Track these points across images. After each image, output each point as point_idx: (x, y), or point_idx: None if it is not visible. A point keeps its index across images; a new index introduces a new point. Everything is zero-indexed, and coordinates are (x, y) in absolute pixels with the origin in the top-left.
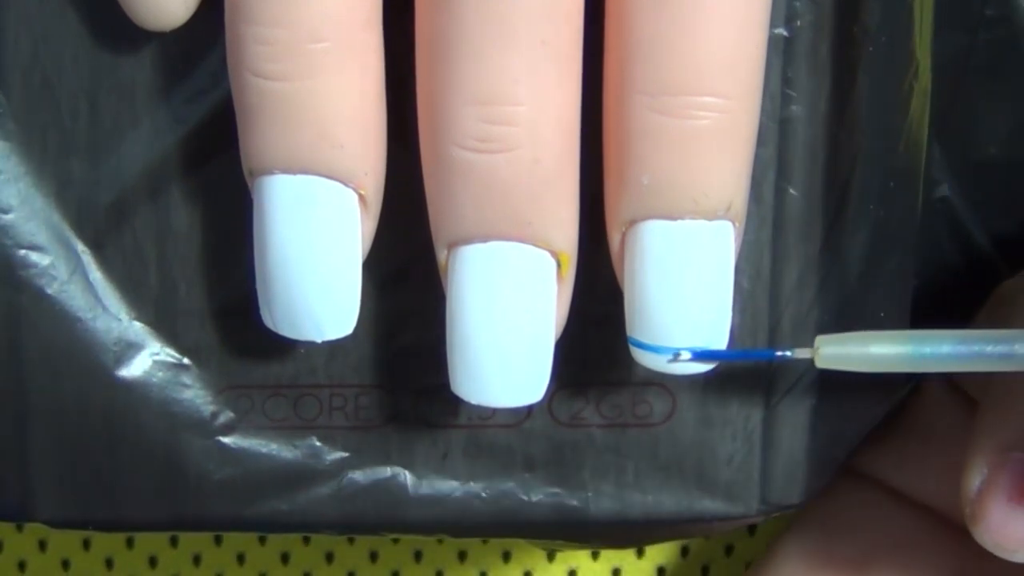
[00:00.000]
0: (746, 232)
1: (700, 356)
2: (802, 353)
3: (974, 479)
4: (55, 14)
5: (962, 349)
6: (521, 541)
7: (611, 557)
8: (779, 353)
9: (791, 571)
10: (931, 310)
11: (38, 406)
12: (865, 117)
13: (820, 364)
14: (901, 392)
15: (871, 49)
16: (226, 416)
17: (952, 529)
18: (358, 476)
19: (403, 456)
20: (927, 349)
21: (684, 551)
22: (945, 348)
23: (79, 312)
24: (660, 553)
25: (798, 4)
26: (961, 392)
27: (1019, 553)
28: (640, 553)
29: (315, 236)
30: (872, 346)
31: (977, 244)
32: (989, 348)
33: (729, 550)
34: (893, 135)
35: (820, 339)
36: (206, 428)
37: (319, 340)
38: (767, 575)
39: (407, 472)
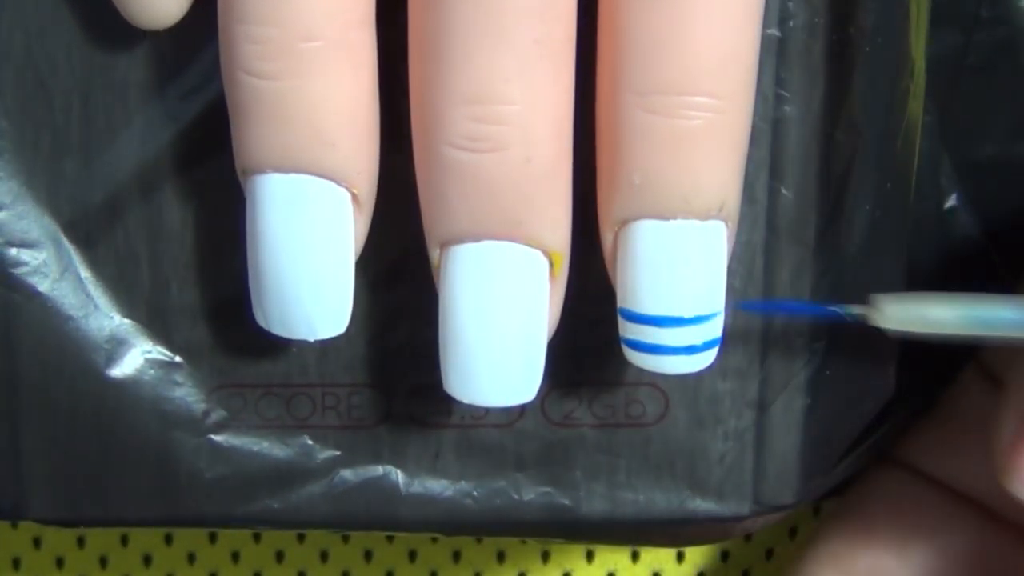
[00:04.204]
0: (739, 233)
1: (752, 307)
2: (860, 311)
3: (1006, 430)
4: (49, 12)
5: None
6: (515, 540)
7: (607, 561)
8: (836, 309)
9: (832, 555)
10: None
11: (30, 404)
12: (860, 118)
13: (881, 324)
14: (889, 390)
15: (867, 50)
16: (218, 415)
17: (987, 515)
18: (350, 475)
19: (395, 455)
20: (986, 313)
21: (680, 556)
22: (1006, 313)
23: (71, 310)
24: (655, 558)
25: (791, 4)
26: (993, 379)
27: None
28: (635, 557)
29: (308, 235)
30: (931, 308)
31: (974, 243)
32: None
33: (725, 556)
34: (889, 136)
35: (880, 298)
36: (198, 426)
37: (311, 339)
38: (809, 560)
39: (399, 471)
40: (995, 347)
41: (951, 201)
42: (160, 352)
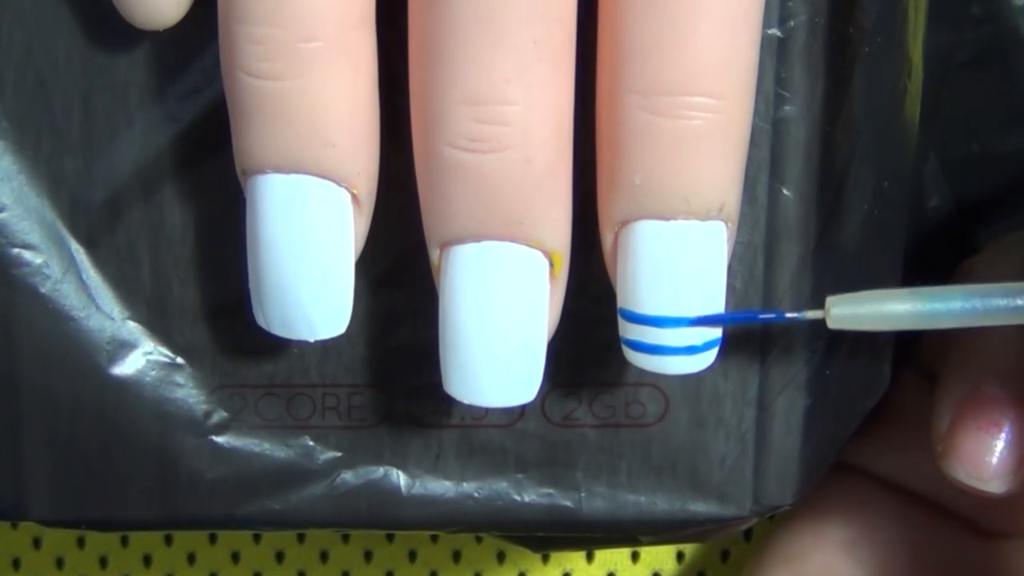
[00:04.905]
0: (739, 233)
1: (703, 321)
2: (813, 314)
3: (944, 417)
4: (49, 13)
5: (973, 303)
6: (514, 545)
7: (606, 561)
8: (788, 315)
9: (784, 557)
10: None
11: (31, 405)
12: (861, 117)
13: (832, 325)
14: (885, 386)
15: (866, 49)
16: (219, 415)
17: (933, 510)
18: (351, 476)
19: (396, 456)
20: (938, 305)
21: (679, 556)
22: (955, 303)
23: (72, 311)
24: (655, 558)
25: (791, 4)
26: (929, 377)
27: (993, 483)
28: (635, 557)
29: (308, 235)
30: (883, 304)
31: (959, 240)
32: (1000, 301)
33: (725, 556)
34: (888, 135)
35: (831, 300)
36: (199, 427)
37: (312, 340)
38: (762, 562)
39: (400, 472)
40: (929, 345)
41: (936, 199)
42: (161, 353)
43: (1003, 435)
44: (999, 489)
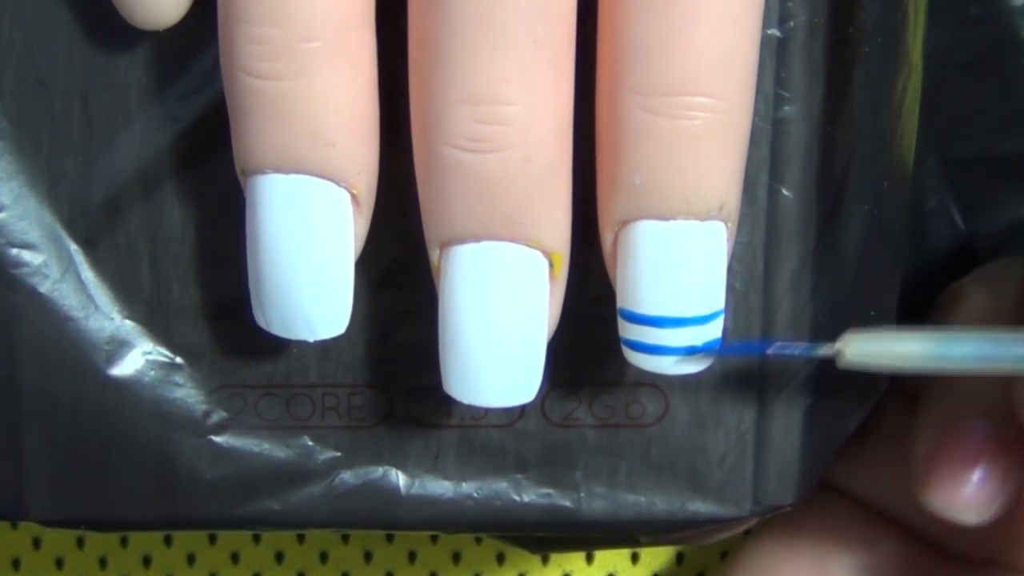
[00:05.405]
0: (739, 233)
1: (717, 352)
2: (825, 351)
3: (923, 446)
4: (49, 13)
5: (984, 350)
6: (513, 546)
7: (606, 562)
8: (798, 351)
9: (755, 567)
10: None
11: (30, 405)
12: (860, 117)
13: (841, 365)
14: (884, 386)
15: (866, 50)
16: (218, 415)
17: (908, 533)
18: (350, 476)
19: (395, 456)
20: (949, 351)
21: (679, 557)
22: (967, 349)
23: (71, 311)
24: (655, 558)
25: (791, 4)
26: (910, 397)
27: (968, 513)
28: (635, 558)
29: (307, 235)
30: (898, 346)
31: (956, 242)
32: (1015, 351)
33: (725, 556)
34: (888, 135)
35: (846, 337)
36: (198, 427)
37: (311, 340)
38: (734, 571)
39: (399, 472)
40: None
41: (935, 199)
42: (160, 353)
43: (979, 469)
44: (973, 520)
